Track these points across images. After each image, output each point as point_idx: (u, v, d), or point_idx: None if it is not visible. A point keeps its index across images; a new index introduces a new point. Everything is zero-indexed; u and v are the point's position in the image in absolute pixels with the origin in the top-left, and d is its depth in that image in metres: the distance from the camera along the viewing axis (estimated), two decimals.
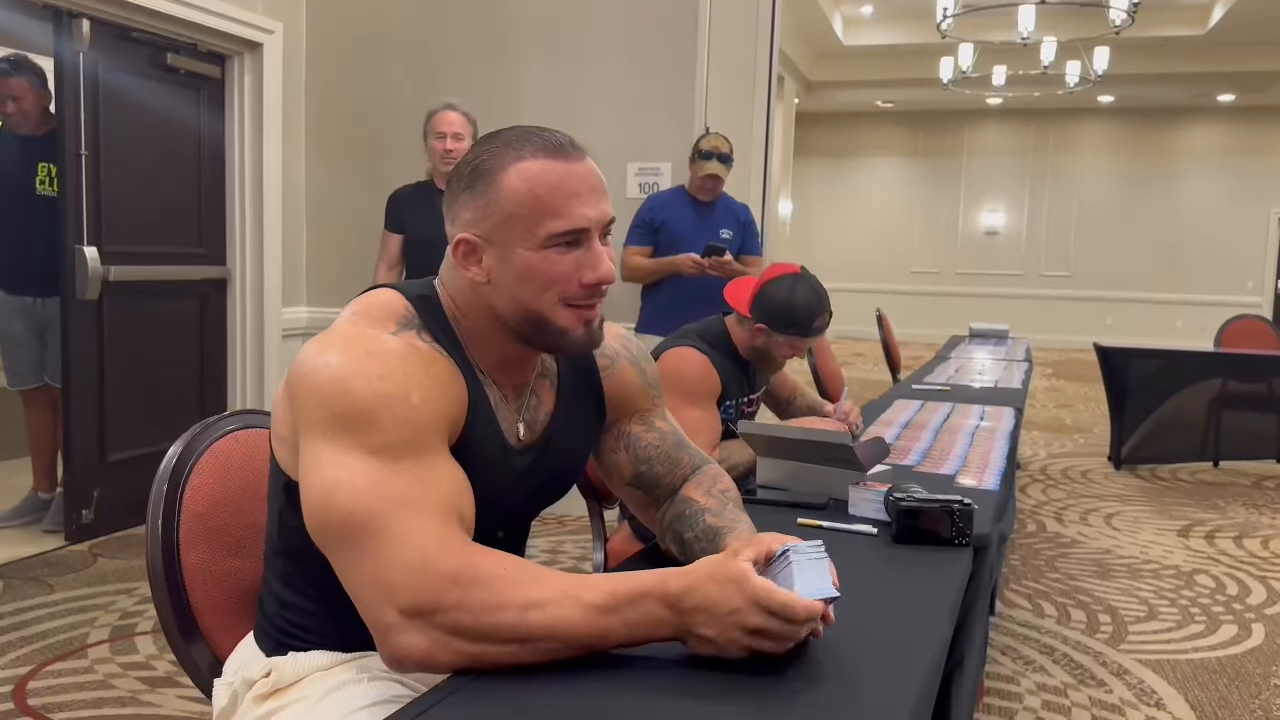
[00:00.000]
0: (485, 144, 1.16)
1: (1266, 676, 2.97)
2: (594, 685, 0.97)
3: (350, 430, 1.03)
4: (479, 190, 1.13)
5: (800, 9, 10.43)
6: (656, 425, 1.40)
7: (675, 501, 1.37)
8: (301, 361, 1.10)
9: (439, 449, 1.08)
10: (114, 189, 3.87)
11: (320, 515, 1.04)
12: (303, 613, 1.21)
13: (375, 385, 1.05)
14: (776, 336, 2.35)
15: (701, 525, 1.31)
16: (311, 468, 1.05)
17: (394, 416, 1.04)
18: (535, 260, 1.13)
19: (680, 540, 1.34)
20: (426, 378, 1.09)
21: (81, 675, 2.71)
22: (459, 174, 1.17)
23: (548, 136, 1.15)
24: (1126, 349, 5.98)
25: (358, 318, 1.14)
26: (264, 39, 4.38)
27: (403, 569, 0.98)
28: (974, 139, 15.34)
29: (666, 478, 1.39)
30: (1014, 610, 3.46)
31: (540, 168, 1.12)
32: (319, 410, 1.05)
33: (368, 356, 1.07)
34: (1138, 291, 14.62)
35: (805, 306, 2.33)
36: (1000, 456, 2.28)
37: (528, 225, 1.12)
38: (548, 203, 1.12)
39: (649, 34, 4.29)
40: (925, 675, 1.06)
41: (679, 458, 1.40)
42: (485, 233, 1.14)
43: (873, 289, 14.73)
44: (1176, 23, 11.47)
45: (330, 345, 1.09)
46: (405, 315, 1.16)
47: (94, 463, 3.89)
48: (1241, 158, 14.22)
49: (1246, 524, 4.73)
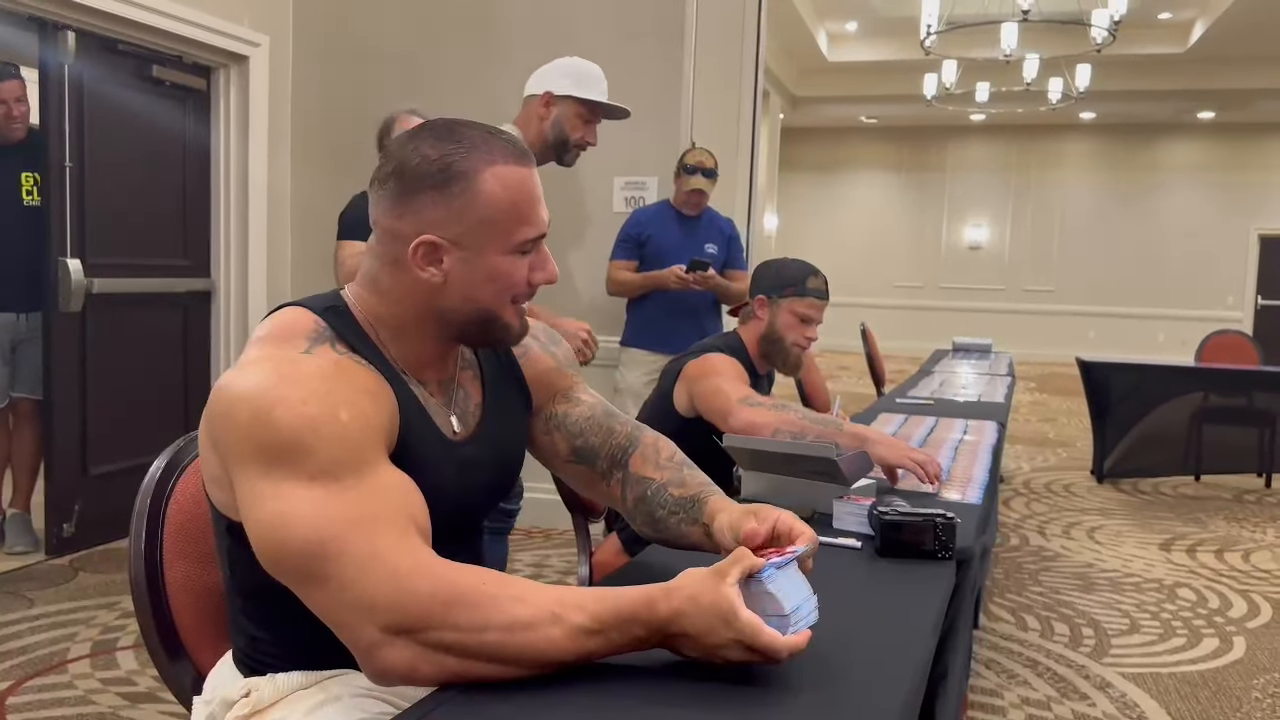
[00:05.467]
0: (443, 143, 1.12)
1: (1247, 689, 2.98)
2: (578, 696, 0.97)
3: (283, 462, 1.00)
4: (454, 192, 1.11)
5: (785, 25, 10.49)
6: (582, 399, 1.41)
7: (630, 481, 1.38)
8: (217, 399, 1.05)
9: (378, 461, 1.05)
10: (98, 201, 3.86)
11: (274, 552, 1.01)
12: (271, 643, 1.19)
13: (299, 410, 1.01)
14: (778, 303, 2.43)
15: (670, 500, 1.34)
16: (253, 506, 1.01)
17: (325, 438, 1.01)
18: (503, 264, 1.15)
19: (653, 520, 1.36)
20: (351, 391, 1.06)
21: (62, 690, 2.68)
22: (412, 170, 1.11)
23: (508, 139, 1.16)
24: (1108, 363, 6.02)
25: (264, 342, 1.10)
26: (250, 52, 4.38)
27: (373, 589, 0.96)
28: (957, 154, 15.46)
29: (604, 447, 1.39)
30: (998, 623, 3.47)
31: (513, 174, 1.13)
32: (245, 446, 1.01)
33: (284, 380, 1.03)
34: (1120, 306, 14.73)
35: (795, 267, 2.47)
36: (983, 470, 2.29)
37: (504, 230, 1.13)
38: (522, 209, 1.14)
39: (635, 48, 4.31)
40: (909, 688, 1.07)
41: (611, 426, 1.40)
42: (455, 235, 1.12)
43: (857, 302, 14.78)
44: (1157, 41, 11.60)
45: (244, 375, 1.05)
46: (315, 330, 1.12)
47: (76, 476, 3.87)
48: (1222, 174, 14.38)
49: (1228, 537, 4.76)
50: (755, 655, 0.98)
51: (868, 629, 1.23)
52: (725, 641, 0.97)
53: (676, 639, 0.99)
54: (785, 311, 2.43)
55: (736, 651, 0.98)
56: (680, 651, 1.00)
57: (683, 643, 0.99)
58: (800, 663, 1.02)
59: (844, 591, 1.34)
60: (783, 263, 2.52)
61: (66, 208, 3.73)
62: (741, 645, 0.97)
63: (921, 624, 1.27)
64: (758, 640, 0.97)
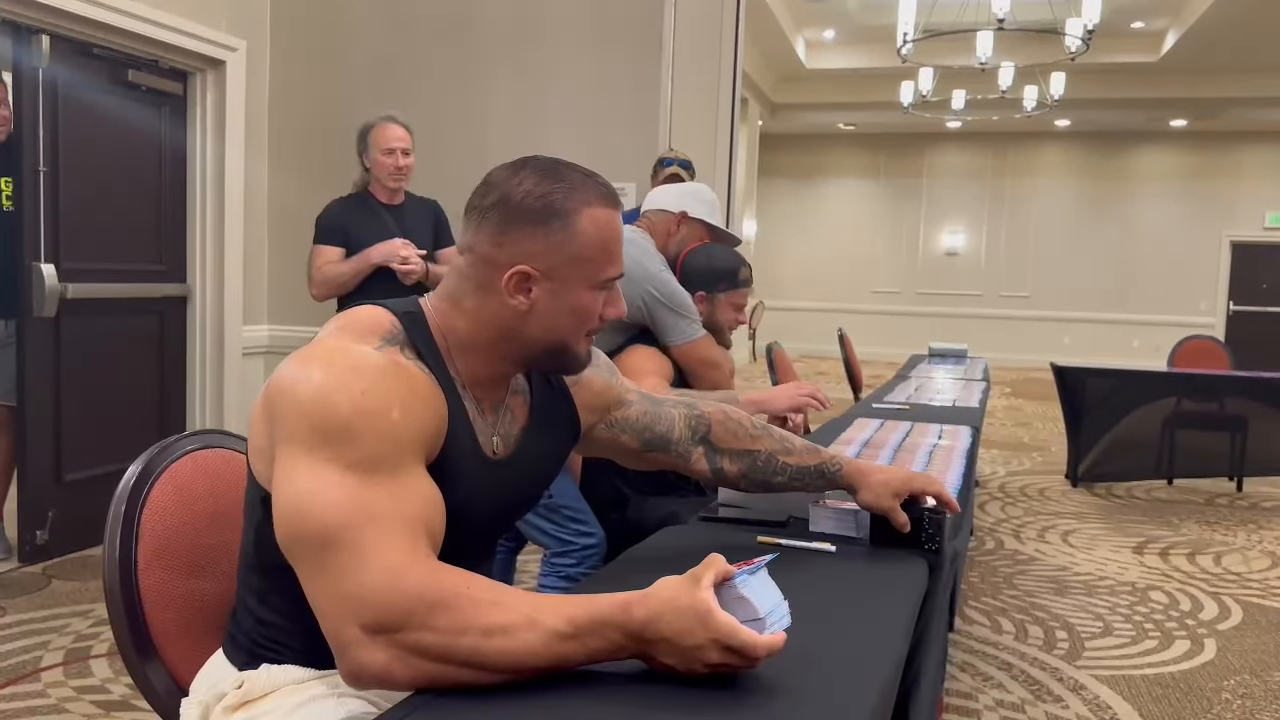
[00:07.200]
0: (547, 181, 1.19)
1: (1218, 690, 3.02)
2: (554, 701, 0.97)
3: (329, 443, 1.04)
4: (553, 228, 1.18)
5: (763, 32, 10.55)
6: (629, 399, 1.51)
7: (724, 455, 1.58)
8: (282, 375, 1.11)
9: (414, 466, 1.10)
10: (73, 205, 3.83)
11: (292, 525, 1.05)
12: (278, 629, 1.21)
13: (357, 400, 1.06)
14: (718, 297, 2.58)
15: (789, 469, 1.60)
16: (287, 479, 1.06)
17: (374, 431, 1.06)
18: (588, 299, 1.22)
19: (769, 485, 1.61)
20: (408, 394, 1.11)
21: (34, 699, 2.66)
22: (516, 204, 1.18)
23: (603, 183, 1.24)
24: (1083, 368, 6.08)
25: (342, 333, 1.16)
26: (227, 56, 4.36)
27: (367, 585, 0.99)
28: (934, 161, 15.56)
29: (671, 431, 1.53)
30: (973, 626, 3.50)
31: (606, 216, 1.22)
32: (300, 423, 1.06)
33: (351, 371, 1.08)
34: (1094, 312, 14.86)
35: (726, 260, 2.60)
36: (957, 474, 2.31)
37: (594, 269, 1.21)
38: (611, 251, 1.23)
39: (613, 54, 4.33)
40: (880, 691, 1.08)
41: (663, 411, 1.54)
42: (548, 267, 1.18)
43: (835, 308, 14.86)
44: (1130, 49, 11.74)
45: (313, 360, 1.10)
46: (390, 331, 1.17)
47: (49, 482, 3.83)
48: (1194, 181, 14.54)
49: (1200, 541, 4.82)
50: (732, 656, 0.99)
51: (841, 632, 1.24)
52: (702, 642, 0.98)
53: (653, 644, 1.00)
54: (724, 305, 2.60)
55: (714, 652, 0.98)
56: (657, 658, 1.01)
57: (659, 648, 1.00)
58: (773, 666, 1.04)
59: (817, 596, 1.35)
60: (709, 256, 2.60)
61: (41, 212, 3.70)
62: (718, 645, 0.98)
63: (894, 627, 1.28)
64: (734, 639, 0.98)
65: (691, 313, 2.51)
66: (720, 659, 0.99)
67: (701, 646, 0.98)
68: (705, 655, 0.99)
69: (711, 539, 1.60)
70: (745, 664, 1.00)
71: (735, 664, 1.00)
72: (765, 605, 1.03)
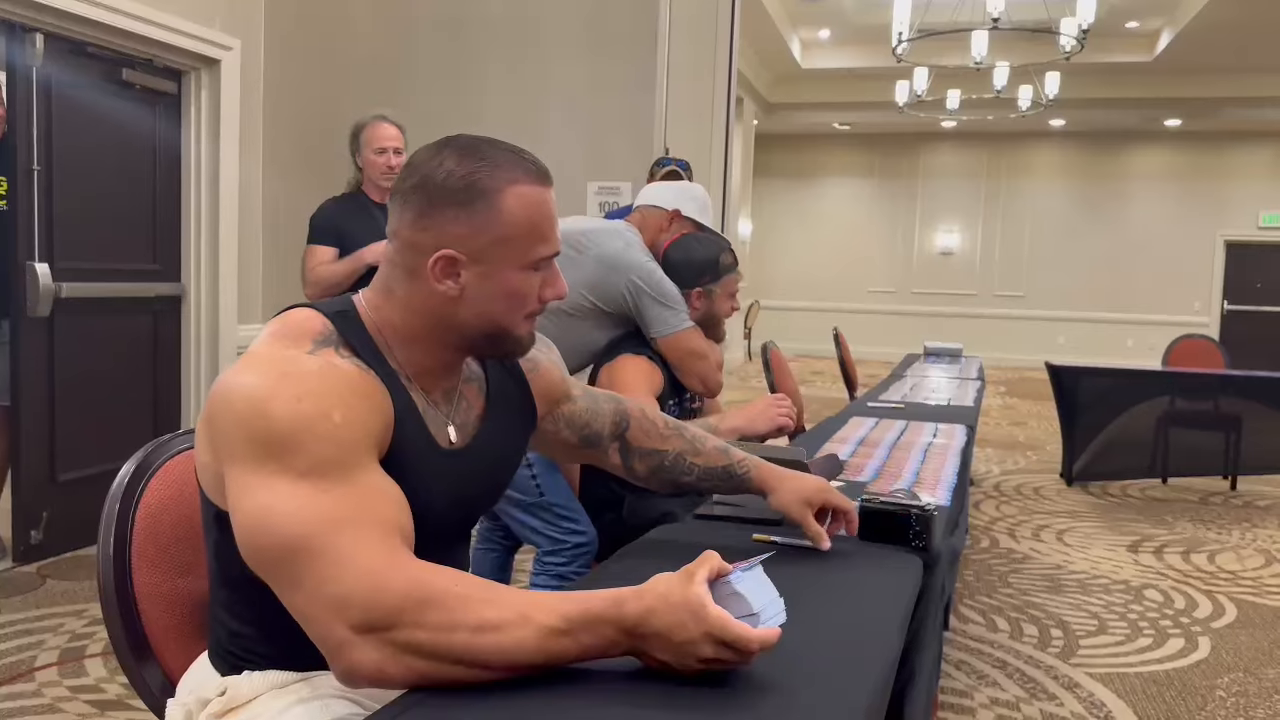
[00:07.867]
0: (469, 160, 1.15)
1: (1212, 689, 3.03)
2: (546, 698, 0.97)
3: (274, 455, 1.02)
4: (476, 209, 1.14)
5: (759, 32, 10.55)
6: (575, 395, 1.52)
7: (634, 454, 1.57)
8: (218, 387, 1.08)
9: (368, 465, 1.08)
10: (67, 205, 3.82)
11: (255, 543, 1.03)
12: (251, 639, 1.20)
13: (294, 407, 1.03)
14: (713, 290, 2.54)
15: (697, 469, 1.58)
16: (240, 496, 1.04)
17: (316, 437, 1.03)
18: (519, 280, 1.18)
19: (677, 484, 1.60)
20: (348, 394, 1.08)
21: (29, 699, 2.66)
22: (437, 186, 1.14)
23: (530, 160, 1.19)
24: (1077, 368, 6.09)
25: (274, 338, 1.13)
26: (221, 55, 4.36)
27: (351, 585, 0.98)
28: (929, 161, 15.58)
29: (603, 429, 1.54)
30: (968, 625, 3.51)
31: (534, 194, 1.17)
32: (239, 436, 1.04)
33: (284, 378, 1.06)
34: (1089, 311, 14.89)
35: (710, 249, 2.54)
36: (951, 473, 2.32)
37: (522, 248, 1.17)
38: (540, 228, 1.18)
39: (609, 54, 4.33)
40: (874, 689, 1.08)
41: (599, 409, 1.54)
42: (474, 250, 1.15)
43: (831, 308, 14.87)
44: (1125, 49, 11.75)
45: (246, 369, 1.08)
46: (323, 332, 1.14)
47: (44, 482, 3.83)
48: (1188, 181, 14.57)
49: (1194, 539, 4.83)
50: (726, 650, 0.98)
51: (835, 630, 1.24)
52: (696, 636, 0.97)
53: (647, 640, 0.99)
54: (721, 295, 2.55)
55: (707, 647, 0.98)
56: (651, 655, 1.00)
57: (653, 644, 0.99)
58: (766, 664, 1.03)
59: (812, 593, 1.35)
60: (692, 248, 2.53)
61: (35, 212, 3.69)
62: (712, 639, 0.97)
63: (889, 625, 1.29)
64: (728, 633, 0.97)
65: (677, 303, 2.44)
66: (714, 654, 0.98)
67: (695, 641, 0.98)
68: (699, 650, 0.98)
69: (706, 536, 1.60)
70: (739, 659, 1.00)
71: (729, 659, 0.99)
72: (760, 601, 1.03)
